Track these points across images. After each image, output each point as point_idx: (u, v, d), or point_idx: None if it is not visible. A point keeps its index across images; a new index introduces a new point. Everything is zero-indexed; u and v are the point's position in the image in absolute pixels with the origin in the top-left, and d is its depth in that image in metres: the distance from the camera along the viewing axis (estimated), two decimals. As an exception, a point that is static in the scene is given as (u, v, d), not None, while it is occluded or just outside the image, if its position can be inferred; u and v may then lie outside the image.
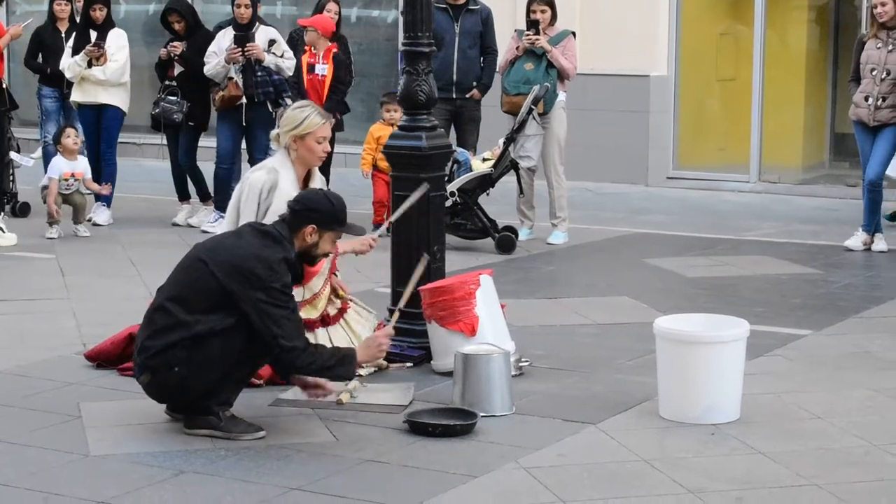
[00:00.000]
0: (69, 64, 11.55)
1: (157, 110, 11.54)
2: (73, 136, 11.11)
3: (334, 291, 6.87)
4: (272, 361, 5.84)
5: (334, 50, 11.31)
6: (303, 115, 6.52)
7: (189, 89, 11.48)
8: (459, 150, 10.62)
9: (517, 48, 10.76)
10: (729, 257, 10.24)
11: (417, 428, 5.82)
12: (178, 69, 11.53)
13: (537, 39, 10.63)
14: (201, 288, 5.64)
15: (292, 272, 5.74)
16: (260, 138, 11.04)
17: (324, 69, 11.30)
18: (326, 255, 6.03)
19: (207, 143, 11.94)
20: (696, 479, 5.27)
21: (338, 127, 11.64)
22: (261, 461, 5.46)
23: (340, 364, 5.75)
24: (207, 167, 11.63)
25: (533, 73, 10.66)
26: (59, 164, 11.04)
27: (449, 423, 5.84)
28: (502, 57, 11.07)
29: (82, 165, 11.13)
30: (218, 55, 11.10)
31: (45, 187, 11.00)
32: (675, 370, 6.01)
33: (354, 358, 5.80)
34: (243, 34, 11.01)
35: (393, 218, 6.94)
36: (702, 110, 14.72)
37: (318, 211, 5.82)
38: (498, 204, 10.92)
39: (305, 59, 11.46)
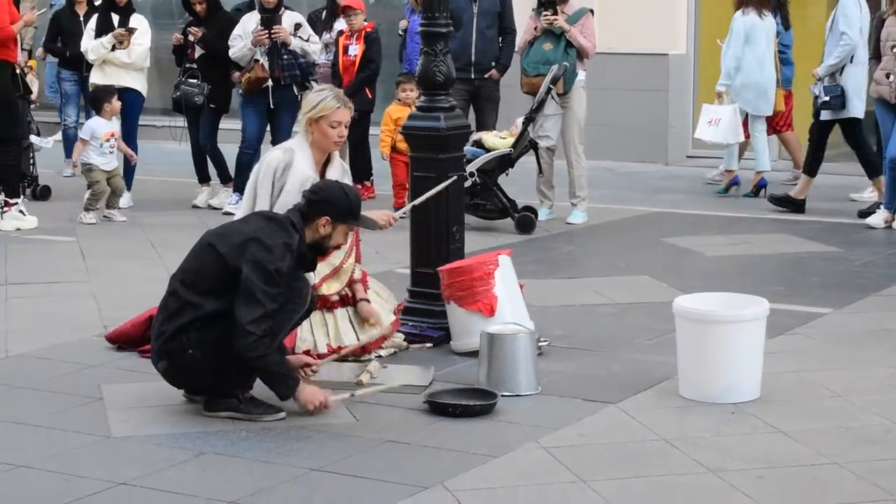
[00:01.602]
0: (93, 46, 11.52)
1: (178, 93, 11.55)
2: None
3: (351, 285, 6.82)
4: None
5: (368, 29, 11.44)
6: (318, 98, 6.53)
7: (209, 72, 11.48)
8: (474, 141, 10.38)
9: (535, 28, 10.71)
10: (748, 236, 10.21)
11: (437, 408, 5.83)
12: (198, 52, 11.54)
13: (555, 19, 10.58)
14: (209, 270, 5.67)
15: (299, 259, 5.74)
16: (285, 122, 11.06)
17: (356, 49, 11.42)
18: (338, 247, 6.02)
19: (228, 126, 11.94)
20: (717, 458, 5.27)
21: (368, 104, 11.68)
22: (281, 442, 5.47)
23: (282, 379, 5.63)
24: (228, 149, 11.64)
25: (552, 54, 10.60)
26: (100, 126, 10.87)
27: (469, 404, 5.85)
28: (520, 37, 11.03)
29: (117, 125, 11.12)
30: (243, 38, 11.10)
31: (83, 165, 10.90)
32: (694, 349, 6.00)
33: (296, 385, 5.64)
34: (270, 16, 11.00)
35: (416, 202, 6.92)
36: (721, 89, 14.62)
37: (332, 203, 5.81)
38: (517, 184, 10.90)
39: (342, 41, 11.56)
